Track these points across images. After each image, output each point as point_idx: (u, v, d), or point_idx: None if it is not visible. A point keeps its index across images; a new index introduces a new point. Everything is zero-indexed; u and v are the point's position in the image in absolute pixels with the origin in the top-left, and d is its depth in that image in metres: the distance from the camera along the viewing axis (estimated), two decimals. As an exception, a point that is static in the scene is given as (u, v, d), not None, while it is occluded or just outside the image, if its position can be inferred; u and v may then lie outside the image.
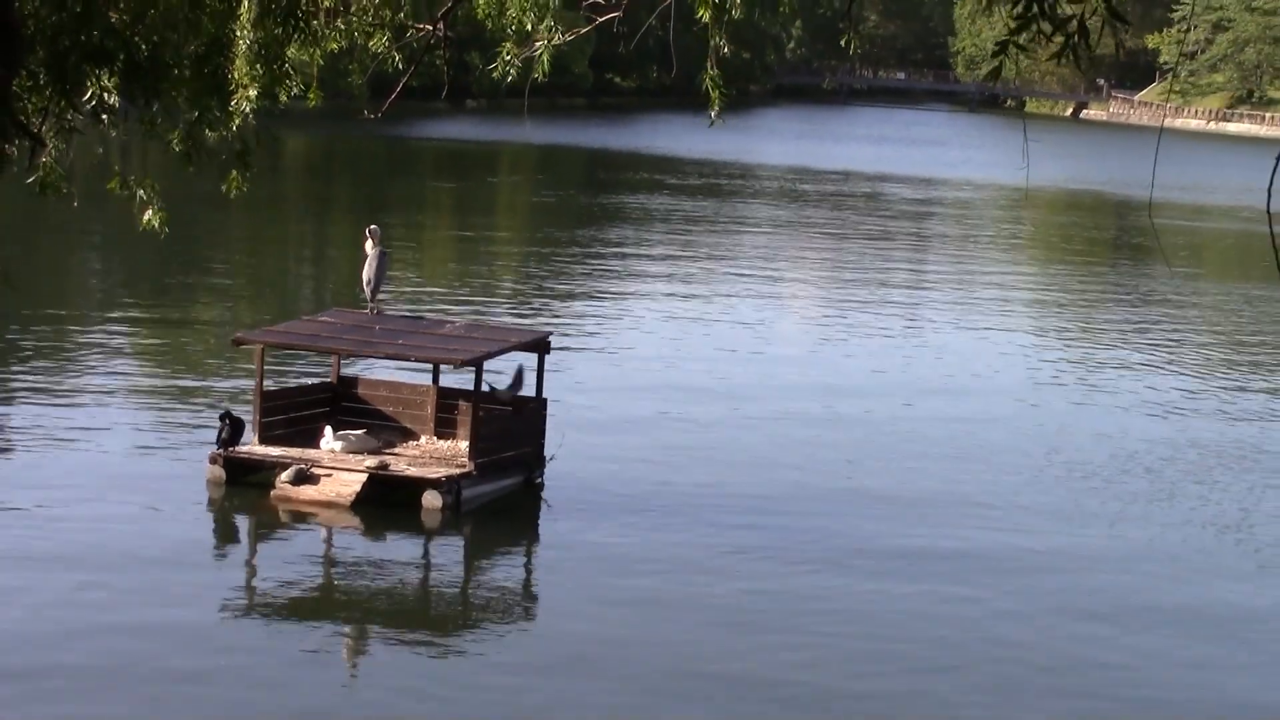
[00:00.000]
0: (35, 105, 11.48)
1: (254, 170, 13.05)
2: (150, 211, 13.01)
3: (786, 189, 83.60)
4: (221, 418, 24.81)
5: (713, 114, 11.94)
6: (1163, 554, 23.94)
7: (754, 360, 36.67)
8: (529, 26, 12.41)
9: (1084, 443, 30.06)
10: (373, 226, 27.49)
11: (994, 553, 23.56)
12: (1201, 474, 28.48)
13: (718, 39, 11.63)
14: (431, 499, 23.81)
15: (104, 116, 12.04)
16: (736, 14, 11.42)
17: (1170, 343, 42.63)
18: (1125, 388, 35.76)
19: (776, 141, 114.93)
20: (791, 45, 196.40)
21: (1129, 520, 25.45)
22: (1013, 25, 6.71)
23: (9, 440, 26.53)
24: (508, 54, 12.56)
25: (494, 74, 12.77)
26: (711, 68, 11.84)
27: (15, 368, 31.61)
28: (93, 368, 31.97)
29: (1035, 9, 6.12)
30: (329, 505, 23.75)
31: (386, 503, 23.84)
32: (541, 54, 12.36)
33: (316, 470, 24.19)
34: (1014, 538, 24.28)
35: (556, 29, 12.43)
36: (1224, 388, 36.87)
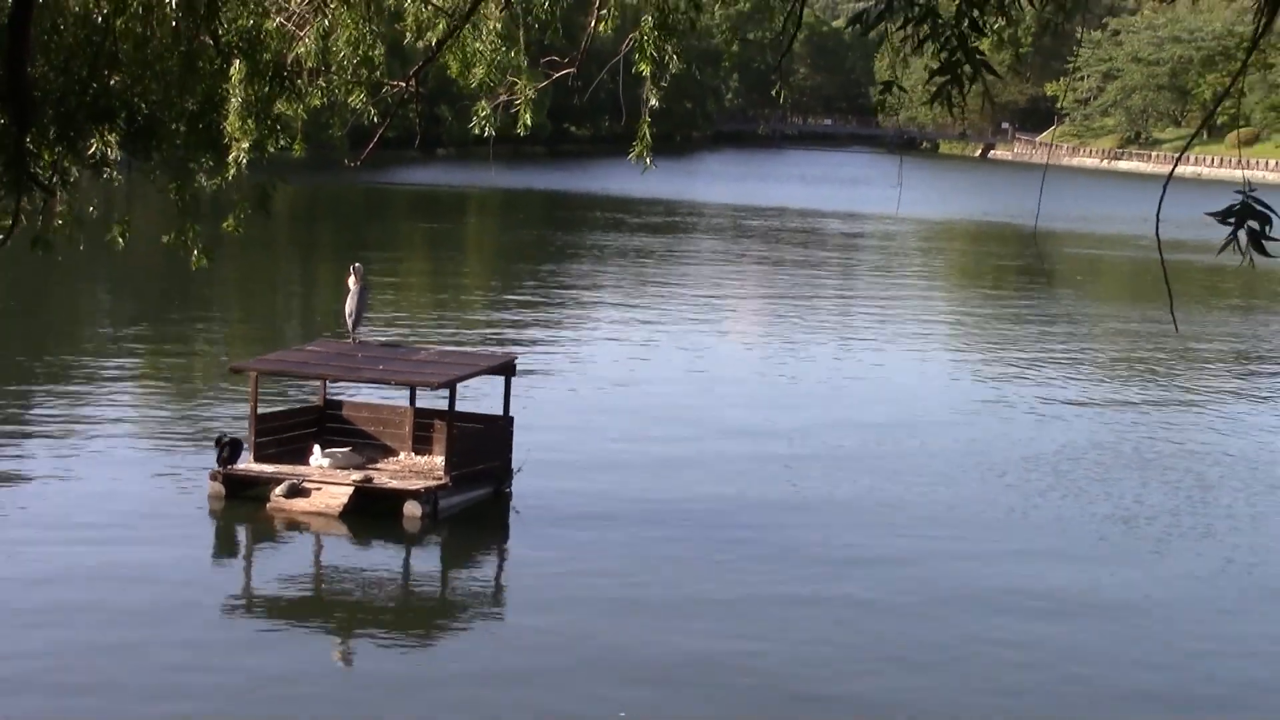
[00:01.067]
0: (46, 161, 11.43)
1: (262, 214, 13.13)
2: (196, 252, 13.06)
3: (728, 225, 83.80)
4: (218, 440, 24.75)
5: (643, 160, 12.02)
6: (1068, 543, 24.09)
7: (702, 381, 36.70)
8: (493, 84, 12.45)
9: (998, 447, 30.23)
10: (356, 264, 27.50)
11: (918, 547, 23.65)
12: (1101, 472, 28.67)
13: (650, 92, 11.71)
14: (412, 509, 23.80)
15: (105, 170, 12.01)
16: (673, 69, 11.48)
17: (1072, 358, 42.92)
18: (1033, 398, 35.96)
19: (718, 182, 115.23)
20: (729, 96, 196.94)
21: (1039, 514, 25.61)
22: (934, 69, 6.81)
23: (31, 460, 26.38)
24: (483, 112, 12.59)
25: (473, 130, 12.80)
26: (645, 117, 11.92)
27: (34, 397, 31.44)
28: (104, 395, 31.77)
29: (959, 56, 6.23)
30: (319, 515, 23.71)
31: (371, 513, 23.82)
32: (522, 111, 12.41)
33: (307, 484, 24.16)
34: (938, 533, 24.42)
35: (528, 86, 12.48)
36: (1121, 396, 37.13)
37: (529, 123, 12.42)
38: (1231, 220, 5.89)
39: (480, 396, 28.24)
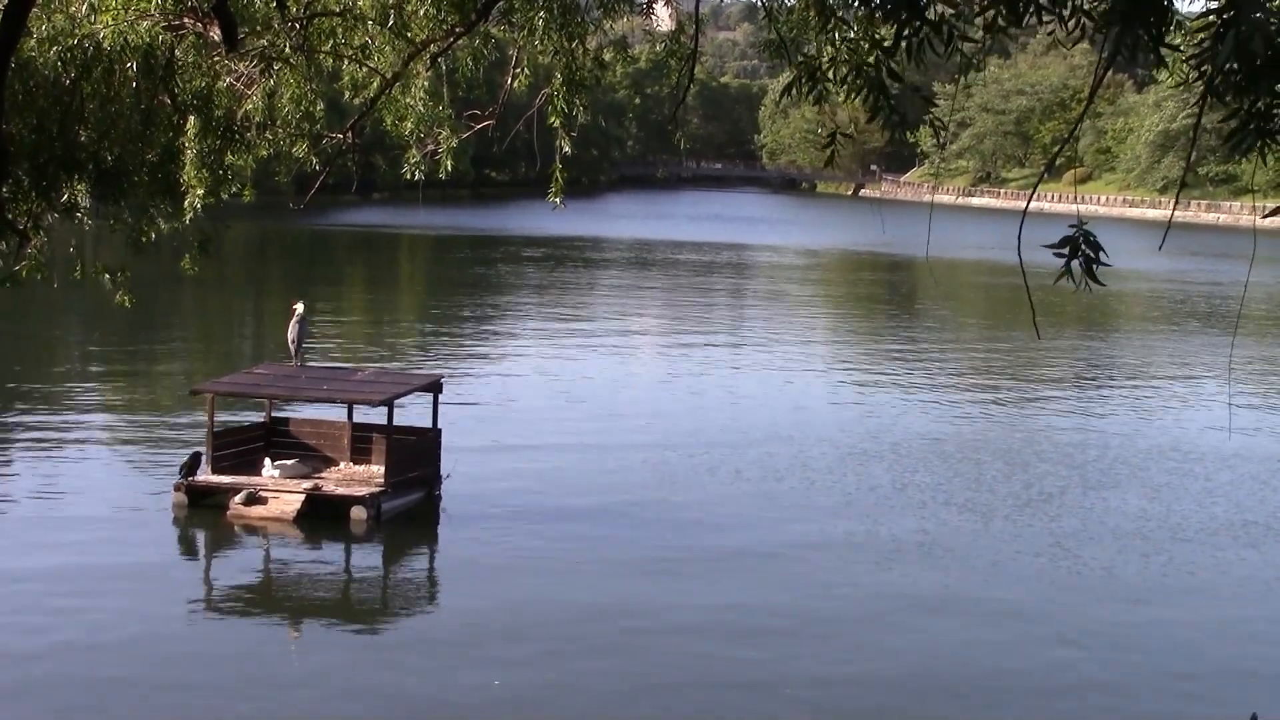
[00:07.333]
0: (22, 208, 11.33)
1: (213, 254, 13.13)
2: (120, 293, 13.02)
3: (632, 258, 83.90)
4: (182, 467, 24.57)
5: (557, 200, 12.20)
6: (942, 517, 24.47)
7: (609, 395, 36.82)
8: (422, 134, 12.50)
9: (867, 443, 30.59)
10: (300, 303, 27.58)
11: (810, 531, 23.90)
12: (959, 462, 29.08)
13: (562, 140, 11.85)
14: (358, 512, 23.76)
15: (77, 215, 11.95)
16: (581, 120, 11.62)
17: (931, 365, 43.43)
18: (898, 400, 36.38)
19: (622, 221, 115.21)
20: (631, 144, 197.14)
21: (905, 492, 25.95)
22: (867, 114, 7.09)
23: (9, 475, 25.99)
24: (413, 159, 12.65)
25: (404, 176, 12.84)
26: (557, 162, 12.07)
27: (13, 418, 30.95)
28: (76, 416, 31.37)
29: (882, 101, 6.53)
30: (275, 520, 23.60)
31: (321, 516, 23.78)
32: (444, 158, 12.49)
33: (263, 493, 24.01)
34: (811, 520, 24.69)
35: (452, 136, 12.56)
36: (971, 398, 37.62)
37: (449, 168, 12.50)
38: (1065, 252, 6.02)
39: (411, 412, 28.15)
